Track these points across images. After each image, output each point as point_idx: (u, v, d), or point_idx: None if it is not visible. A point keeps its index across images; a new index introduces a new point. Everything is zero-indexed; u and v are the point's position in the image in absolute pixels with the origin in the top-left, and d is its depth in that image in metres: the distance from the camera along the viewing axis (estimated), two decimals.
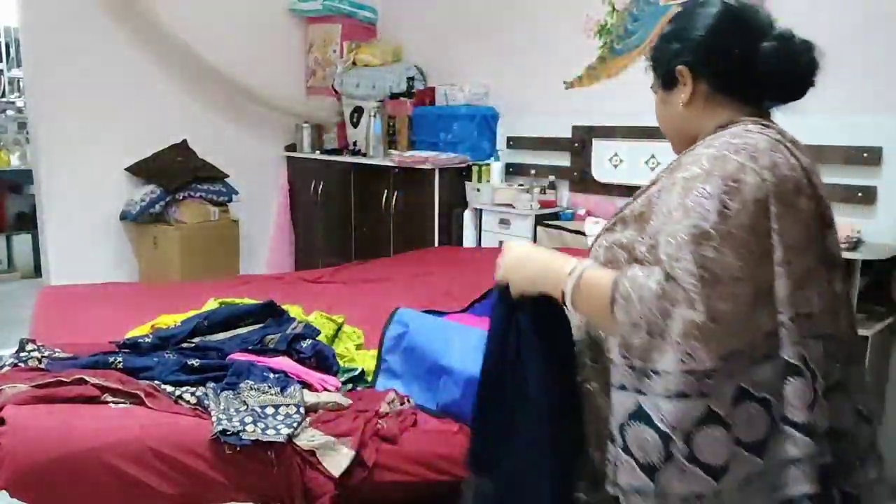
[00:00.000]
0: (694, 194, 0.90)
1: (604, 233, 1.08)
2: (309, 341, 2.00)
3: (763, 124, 1.01)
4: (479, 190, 3.61)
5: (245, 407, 1.62)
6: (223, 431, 1.49)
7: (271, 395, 1.69)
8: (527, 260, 1.06)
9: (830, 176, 2.58)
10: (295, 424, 1.57)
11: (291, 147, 4.66)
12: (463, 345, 1.79)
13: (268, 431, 1.52)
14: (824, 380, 0.93)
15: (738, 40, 1.02)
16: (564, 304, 0.98)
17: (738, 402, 0.88)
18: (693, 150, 1.00)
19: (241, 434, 1.49)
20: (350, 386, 1.94)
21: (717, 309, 0.84)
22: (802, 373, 0.90)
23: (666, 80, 1.09)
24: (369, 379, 1.97)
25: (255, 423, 1.54)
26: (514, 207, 3.42)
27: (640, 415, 0.87)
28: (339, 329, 2.30)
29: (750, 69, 1.01)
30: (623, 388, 0.89)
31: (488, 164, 3.68)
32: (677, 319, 0.85)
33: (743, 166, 0.91)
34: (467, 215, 3.67)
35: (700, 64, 1.04)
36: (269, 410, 1.61)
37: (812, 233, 0.95)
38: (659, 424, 0.85)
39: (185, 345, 1.96)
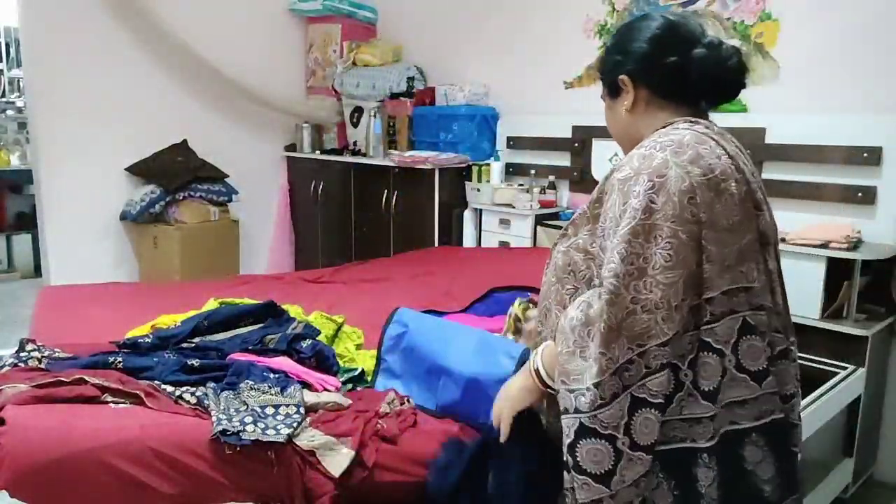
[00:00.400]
0: (631, 198, 0.98)
1: (560, 239, 1.15)
2: (309, 341, 2.00)
3: (692, 121, 1.08)
4: (479, 190, 3.61)
5: (245, 407, 1.62)
6: (223, 431, 1.49)
7: (271, 395, 1.69)
8: (507, 387, 1.23)
9: (830, 176, 2.58)
10: (295, 424, 1.57)
11: (291, 147, 4.66)
12: (462, 345, 1.79)
13: (268, 431, 1.52)
14: (770, 347, 1.05)
15: (673, 50, 1.11)
16: (548, 387, 1.11)
17: (668, 372, 0.98)
18: (637, 148, 1.07)
19: (241, 434, 1.49)
20: (350, 386, 1.94)
21: (648, 299, 0.93)
22: (713, 349, 1.00)
23: (611, 89, 1.19)
24: (369, 379, 1.97)
25: (255, 423, 1.54)
26: (514, 207, 3.42)
27: (585, 431, 0.96)
28: (339, 329, 2.30)
29: (684, 75, 1.10)
30: (566, 411, 0.99)
31: (488, 164, 3.68)
32: (594, 332, 0.95)
33: (666, 161, 0.99)
34: (467, 215, 3.67)
35: (640, 73, 1.14)
36: (269, 410, 1.61)
37: (746, 213, 1.03)
38: (604, 432, 0.95)
39: (185, 345, 1.95)
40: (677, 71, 1.10)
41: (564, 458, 1.01)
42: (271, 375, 1.78)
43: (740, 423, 1.02)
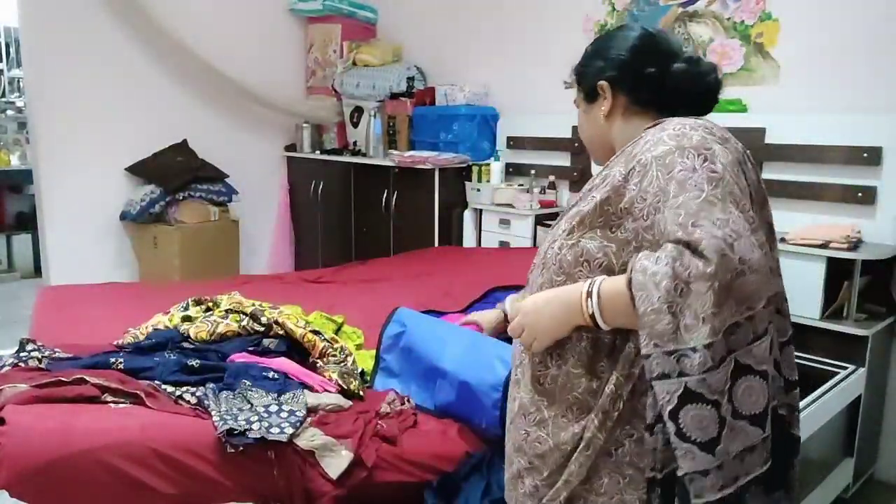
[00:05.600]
0: (678, 169, 0.96)
1: (560, 236, 1.10)
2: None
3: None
4: (479, 190, 3.61)
5: (249, 406, 1.62)
6: (229, 431, 1.49)
7: (272, 395, 1.69)
8: (543, 306, 1.08)
9: (830, 176, 2.58)
10: (298, 424, 1.57)
11: (291, 147, 4.66)
12: (457, 346, 1.79)
13: (272, 430, 1.52)
14: (781, 335, 1.08)
15: (654, 61, 1.14)
16: (597, 325, 1.01)
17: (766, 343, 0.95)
18: (636, 143, 1.06)
19: (247, 433, 1.49)
20: None
21: (752, 260, 0.89)
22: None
23: (589, 94, 1.22)
24: (369, 379, 1.97)
25: (259, 421, 1.54)
26: (514, 207, 3.42)
27: (690, 396, 0.90)
28: (339, 329, 2.30)
29: (663, 86, 1.14)
30: (665, 375, 0.91)
31: (488, 164, 3.68)
32: (697, 291, 0.88)
33: (705, 138, 1.00)
34: (467, 215, 3.67)
35: (620, 80, 1.17)
36: (273, 408, 1.61)
37: (763, 194, 1.08)
38: (710, 397, 0.89)
39: (185, 345, 1.95)
40: (656, 82, 1.13)
41: (651, 422, 0.97)
42: (271, 375, 1.78)
43: None
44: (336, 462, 1.53)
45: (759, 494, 0.97)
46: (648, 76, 1.14)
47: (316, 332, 1.98)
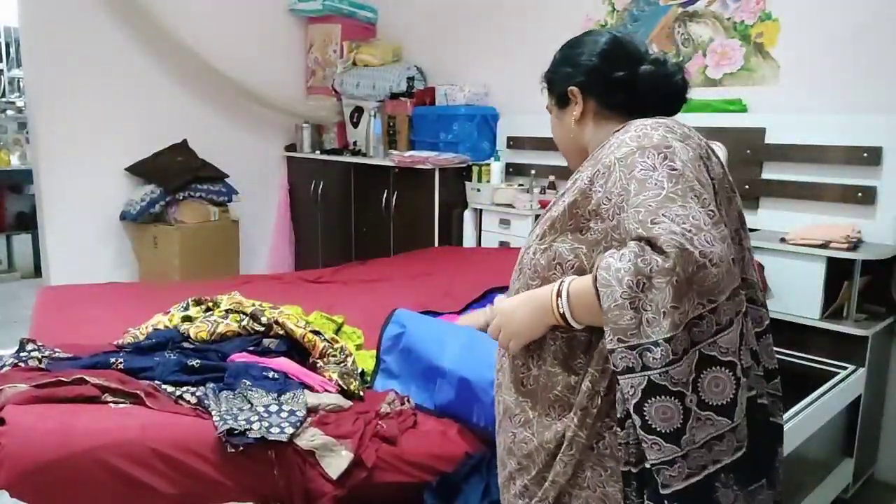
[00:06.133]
0: (639, 168, 0.99)
1: (534, 242, 1.13)
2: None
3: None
4: (479, 190, 3.61)
5: (249, 406, 1.62)
6: (230, 431, 1.49)
7: (273, 395, 1.69)
8: (515, 309, 1.11)
9: (830, 176, 2.58)
10: (298, 424, 1.57)
11: (291, 147, 4.66)
12: (455, 346, 1.80)
13: (272, 430, 1.52)
14: (757, 325, 1.10)
15: (621, 65, 1.16)
16: (568, 324, 1.03)
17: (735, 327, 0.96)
18: (602, 147, 1.09)
19: (247, 433, 1.49)
20: None
21: (713, 253, 0.91)
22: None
23: (560, 100, 1.24)
24: (369, 379, 1.98)
25: (259, 421, 1.54)
26: (514, 207, 3.42)
27: (654, 389, 0.91)
28: (339, 329, 2.30)
29: (632, 88, 1.16)
30: (630, 370, 0.93)
31: (488, 164, 3.68)
32: (658, 286, 0.90)
33: (665, 136, 1.02)
34: (467, 215, 3.67)
35: (590, 85, 1.19)
36: (273, 408, 1.62)
37: (730, 188, 1.10)
38: (673, 389, 0.91)
39: (185, 345, 1.95)
40: (625, 85, 1.15)
41: (622, 417, 0.98)
42: (271, 375, 1.78)
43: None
44: (336, 462, 1.54)
45: (733, 484, 0.97)
46: (618, 80, 1.16)
47: (316, 332, 1.99)
